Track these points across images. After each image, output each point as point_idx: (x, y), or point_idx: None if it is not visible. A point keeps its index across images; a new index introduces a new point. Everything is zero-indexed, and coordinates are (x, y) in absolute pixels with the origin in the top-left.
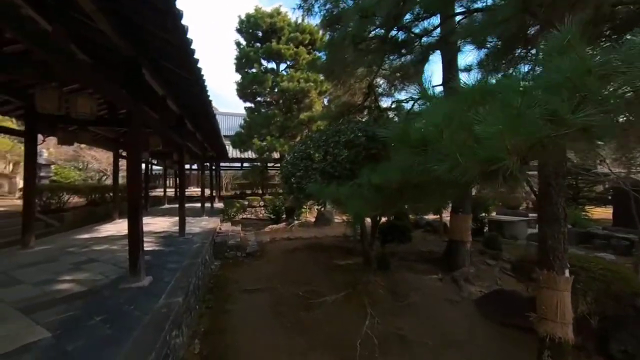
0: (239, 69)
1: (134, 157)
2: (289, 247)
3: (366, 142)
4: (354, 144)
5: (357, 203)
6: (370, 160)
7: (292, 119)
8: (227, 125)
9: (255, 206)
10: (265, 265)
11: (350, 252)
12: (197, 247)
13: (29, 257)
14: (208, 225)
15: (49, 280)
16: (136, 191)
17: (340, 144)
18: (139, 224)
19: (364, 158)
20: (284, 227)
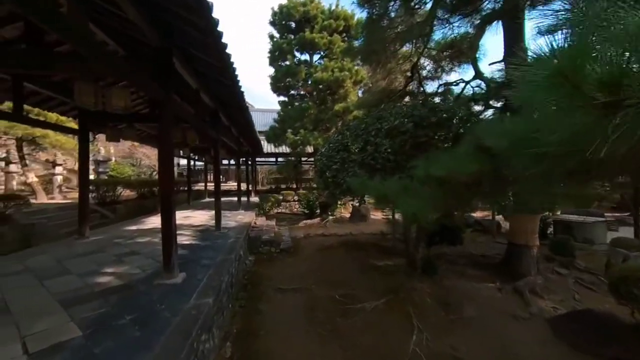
0: (273, 62)
1: (166, 150)
2: (324, 243)
3: (413, 128)
4: (398, 132)
5: (411, 201)
6: (418, 150)
7: (326, 111)
8: (262, 122)
9: (290, 201)
10: (299, 262)
11: (389, 252)
12: (232, 242)
13: (82, 247)
14: (243, 220)
15: (92, 272)
16: (168, 186)
17: (382, 132)
18: (172, 221)
19: (412, 147)
20: (318, 223)
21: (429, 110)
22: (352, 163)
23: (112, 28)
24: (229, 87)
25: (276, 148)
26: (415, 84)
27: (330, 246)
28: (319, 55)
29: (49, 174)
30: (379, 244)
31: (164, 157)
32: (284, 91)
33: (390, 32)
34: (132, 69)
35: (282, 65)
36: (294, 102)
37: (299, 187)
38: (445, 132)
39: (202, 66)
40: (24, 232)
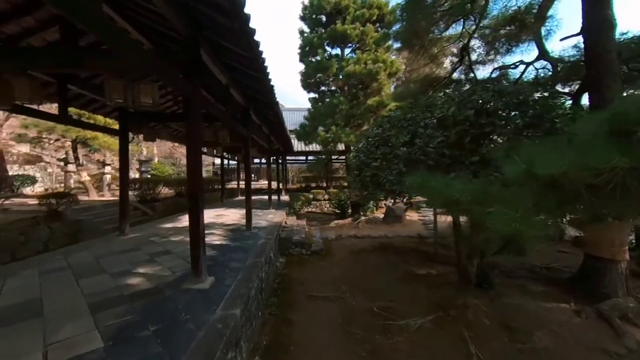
0: (303, 58)
1: (194, 148)
2: (357, 246)
3: (474, 116)
4: (454, 121)
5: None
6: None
7: (358, 106)
8: (292, 120)
9: (320, 200)
10: (331, 266)
11: (430, 258)
12: (262, 244)
13: (120, 245)
14: (274, 219)
15: (124, 272)
16: (196, 186)
17: (433, 122)
18: (200, 223)
19: (472, 140)
20: (349, 223)
21: (494, 93)
22: (397, 159)
23: (139, 21)
24: (259, 80)
25: (306, 146)
26: (463, 70)
27: (363, 249)
28: (350, 48)
29: (99, 173)
30: (418, 248)
31: (192, 155)
32: (314, 87)
33: (436, 11)
34: (160, 62)
35: (312, 61)
36: (325, 99)
37: (330, 185)
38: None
39: (231, 58)
40: (73, 228)
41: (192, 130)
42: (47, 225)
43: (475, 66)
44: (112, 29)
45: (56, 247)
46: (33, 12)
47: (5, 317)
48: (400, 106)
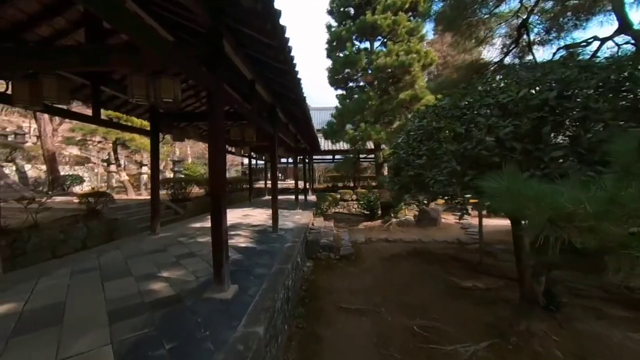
0: (330, 54)
1: (216, 146)
2: (389, 251)
3: (556, 99)
4: (525, 107)
5: None
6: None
7: (389, 101)
8: (319, 120)
9: (348, 200)
10: (362, 273)
11: (475, 268)
12: (289, 247)
13: (149, 244)
14: (301, 220)
15: (149, 276)
16: (219, 187)
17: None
18: (223, 226)
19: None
20: (379, 225)
21: (580, 70)
22: (448, 155)
23: (160, 12)
24: (285, 73)
25: (333, 145)
26: (517, 53)
27: (397, 255)
28: (379, 41)
29: (138, 173)
30: (459, 256)
31: (215, 153)
32: (341, 84)
33: None
34: (181, 54)
35: (340, 56)
36: (353, 95)
37: (357, 185)
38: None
39: (256, 50)
40: (109, 227)
41: (215, 126)
42: (85, 224)
43: (534, 46)
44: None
45: (93, 245)
46: (62, 13)
47: (27, 322)
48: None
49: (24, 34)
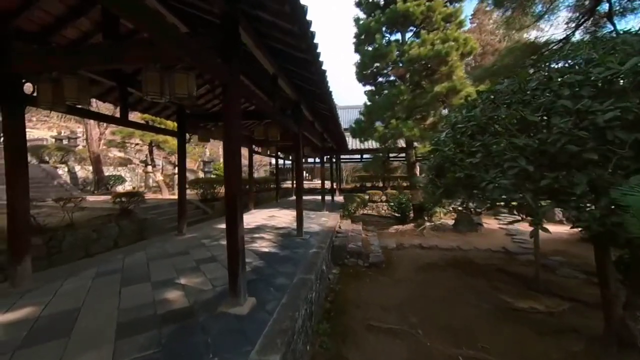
0: (358, 47)
1: (231, 144)
2: (423, 259)
3: None
4: (638, 84)
5: None
6: None
7: (422, 96)
8: (346, 119)
9: (377, 201)
10: (394, 284)
11: (530, 285)
12: (313, 254)
13: (174, 246)
14: (327, 223)
15: (167, 282)
16: (234, 190)
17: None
18: (238, 234)
19: None
20: (412, 229)
21: None
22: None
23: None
24: (309, 64)
25: (361, 143)
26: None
27: (433, 264)
28: (411, 32)
29: (172, 173)
30: (507, 269)
31: (230, 154)
32: (370, 79)
33: None
34: (194, 45)
35: (368, 50)
36: (383, 90)
37: (387, 186)
38: None
39: (276, 38)
40: (139, 226)
41: (230, 123)
42: (117, 224)
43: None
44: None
45: (124, 244)
46: (85, 14)
47: (39, 331)
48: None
49: (50, 37)
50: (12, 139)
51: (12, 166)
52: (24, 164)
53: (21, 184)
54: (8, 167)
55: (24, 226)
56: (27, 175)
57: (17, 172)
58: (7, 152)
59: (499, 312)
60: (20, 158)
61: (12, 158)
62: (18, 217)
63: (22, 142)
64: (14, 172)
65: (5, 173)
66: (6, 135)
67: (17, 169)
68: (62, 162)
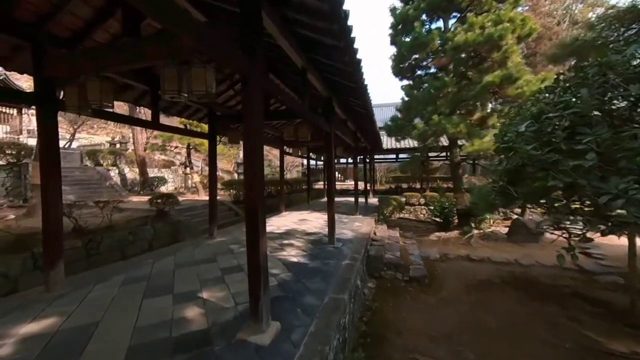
0: (395, 39)
1: (251, 142)
2: (474, 274)
3: None
4: None
5: None
6: None
7: (470, 87)
8: (380, 117)
9: (414, 204)
10: (440, 305)
11: (627, 320)
12: (347, 267)
13: (202, 251)
14: (361, 229)
15: (188, 295)
16: (256, 198)
17: None
18: (260, 249)
19: None
20: (456, 237)
21: None
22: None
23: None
24: (342, 51)
25: (397, 142)
26: None
27: (487, 282)
28: (455, 18)
29: None
30: (586, 293)
31: (250, 156)
32: (408, 73)
33: None
34: (215, 35)
35: (406, 40)
36: (422, 84)
37: (426, 187)
38: None
39: (304, 24)
40: (173, 229)
41: (251, 120)
42: (152, 226)
43: None
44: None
45: (158, 246)
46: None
47: (52, 349)
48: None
49: (81, 41)
50: (46, 142)
51: (45, 170)
52: (57, 168)
53: (54, 188)
54: (42, 170)
55: (57, 230)
56: (59, 179)
57: (50, 176)
58: (41, 155)
59: (587, 355)
60: (53, 161)
61: (46, 161)
62: (51, 221)
63: (55, 145)
64: (47, 176)
65: (40, 177)
66: (40, 138)
67: (50, 172)
68: (113, 165)
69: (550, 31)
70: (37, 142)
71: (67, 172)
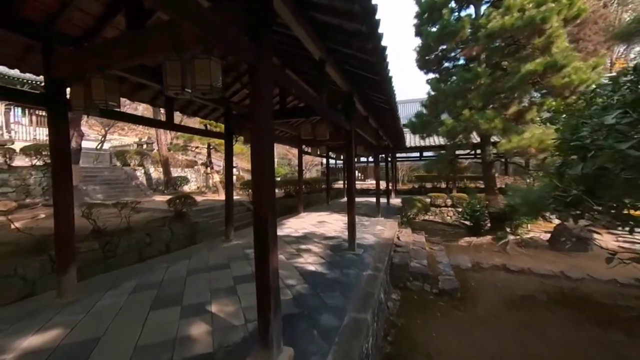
0: (420, 29)
1: (260, 141)
2: (513, 288)
3: None
4: None
5: None
6: None
7: (506, 78)
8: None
9: (440, 205)
10: (475, 324)
11: None
12: (369, 279)
13: (217, 255)
14: (384, 233)
15: (197, 308)
16: (265, 206)
17: None
18: (270, 266)
19: None
20: (489, 243)
21: None
22: None
23: None
24: (365, 38)
25: (422, 140)
26: None
27: (530, 299)
28: (487, 4)
29: None
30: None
31: (259, 156)
32: (434, 65)
33: None
34: (218, 20)
35: (433, 30)
36: (450, 77)
37: (452, 187)
38: None
39: (320, 6)
40: (191, 230)
41: (258, 116)
42: (170, 227)
43: None
44: None
45: (176, 248)
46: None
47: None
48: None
49: (91, 39)
50: (57, 144)
51: (56, 172)
52: (68, 170)
53: (66, 191)
54: (53, 173)
55: (69, 235)
56: (71, 182)
57: (61, 178)
58: (52, 157)
59: None
60: (64, 164)
61: (57, 164)
62: (63, 225)
63: (66, 147)
64: (58, 179)
65: (51, 180)
66: (51, 140)
67: (61, 175)
68: (140, 165)
69: (596, 14)
70: (49, 143)
71: (97, 172)
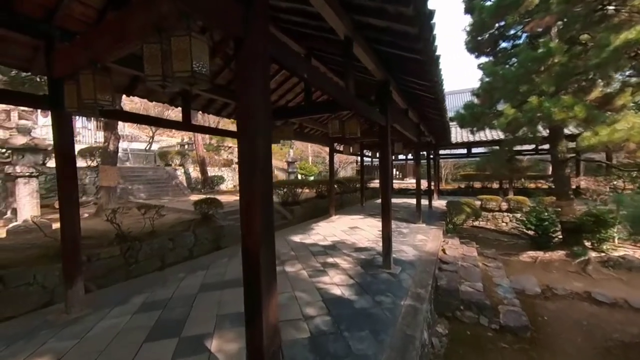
0: (471, 3)
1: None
2: (606, 329)
3: None
4: None
5: None
6: None
7: (591, 52)
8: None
9: (493, 210)
10: None
11: None
12: (408, 312)
13: (236, 267)
14: (426, 245)
15: (196, 343)
16: (256, 225)
17: None
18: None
19: None
20: (562, 260)
21: None
22: None
23: None
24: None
25: (471, 134)
26: None
27: (636, 347)
28: None
29: None
30: None
31: (248, 161)
32: (488, 47)
33: None
34: None
35: (488, 4)
36: (508, 59)
37: (508, 188)
38: None
39: None
40: (216, 234)
41: (248, 98)
42: (193, 232)
43: None
44: None
45: (199, 254)
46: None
47: None
48: None
49: None
50: (61, 147)
51: (61, 177)
52: (74, 175)
53: (71, 197)
54: (58, 178)
55: (74, 245)
56: (76, 187)
57: (66, 183)
58: (57, 160)
59: None
60: (69, 168)
61: (61, 167)
62: (68, 234)
63: (70, 151)
64: (63, 184)
65: (57, 185)
66: (55, 143)
67: (66, 180)
68: (180, 165)
69: None
70: (54, 147)
71: (142, 172)
